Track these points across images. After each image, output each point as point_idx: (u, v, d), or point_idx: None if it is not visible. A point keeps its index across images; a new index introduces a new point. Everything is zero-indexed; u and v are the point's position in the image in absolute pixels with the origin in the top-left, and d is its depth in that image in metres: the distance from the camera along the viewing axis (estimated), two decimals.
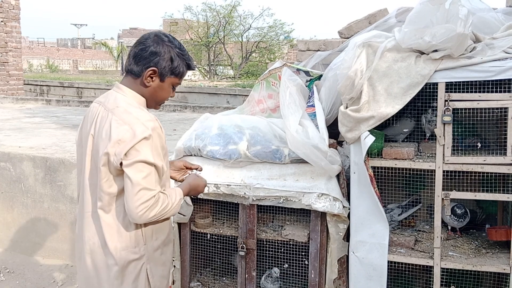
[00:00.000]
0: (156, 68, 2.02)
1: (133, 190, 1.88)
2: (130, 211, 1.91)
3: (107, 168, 1.96)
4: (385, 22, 3.12)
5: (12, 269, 4.28)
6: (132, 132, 1.90)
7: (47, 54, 39.63)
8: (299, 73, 3.17)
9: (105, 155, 1.93)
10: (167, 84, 2.08)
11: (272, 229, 2.83)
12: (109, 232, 2.02)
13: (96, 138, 2.00)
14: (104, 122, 1.98)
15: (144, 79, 2.03)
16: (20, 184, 4.44)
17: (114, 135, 1.92)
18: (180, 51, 2.08)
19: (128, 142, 1.90)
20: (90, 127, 2.04)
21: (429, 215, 2.86)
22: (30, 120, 7.34)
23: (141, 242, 2.06)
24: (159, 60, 2.01)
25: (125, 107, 1.99)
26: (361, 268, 2.59)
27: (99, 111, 2.04)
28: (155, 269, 2.12)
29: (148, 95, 2.07)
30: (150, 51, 2.01)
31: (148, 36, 2.05)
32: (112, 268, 2.03)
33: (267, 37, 28.52)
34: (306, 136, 2.64)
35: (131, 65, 2.04)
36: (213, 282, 3.03)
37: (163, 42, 2.03)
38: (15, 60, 11.52)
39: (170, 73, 2.06)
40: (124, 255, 2.02)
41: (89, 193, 2.06)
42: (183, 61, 2.08)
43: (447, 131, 2.40)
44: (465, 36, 2.30)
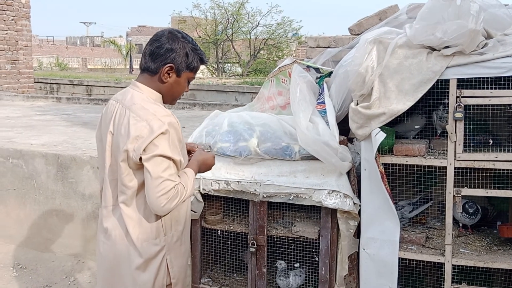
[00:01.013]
0: (173, 64, 2.07)
1: (154, 182, 1.94)
2: (152, 203, 1.96)
3: (126, 164, 2.01)
4: (395, 18, 3.11)
5: (25, 265, 4.32)
6: (149, 128, 1.95)
7: (57, 52, 39.86)
8: (309, 70, 3.17)
9: (125, 151, 1.98)
10: (183, 79, 2.14)
11: (282, 226, 2.84)
12: (131, 224, 2.07)
13: (116, 135, 2.05)
14: (123, 119, 2.03)
15: (162, 76, 2.08)
16: (33, 181, 4.48)
17: (132, 131, 1.97)
18: (194, 46, 2.13)
19: (146, 137, 1.95)
20: (109, 124, 2.09)
21: (440, 212, 2.86)
22: (41, 118, 7.39)
23: (162, 233, 2.11)
24: (175, 56, 2.07)
25: (142, 103, 2.03)
26: (371, 265, 2.59)
27: (117, 109, 2.09)
28: (175, 260, 2.17)
29: (165, 91, 2.12)
30: (166, 48, 2.06)
31: (162, 34, 2.11)
32: (134, 260, 2.08)
33: (275, 34, 28.45)
34: (316, 133, 2.64)
35: (148, 62, 2.09)
36: (224, 278, 3.05)
37: (177, 38, 2.09)
38: (26, 58, 11.60)
39: (185, 68, 2.11)
40: (146, 247, 2.07)
41: (110, 188, 2.11)
42: (197, 55, 2.13)
43: (458, 127, 2.39)
44: (477, 32, 2.29)
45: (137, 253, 2.08)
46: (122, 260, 2.11)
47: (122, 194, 2.07)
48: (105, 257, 2.16)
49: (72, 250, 4.40)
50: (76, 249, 4.37)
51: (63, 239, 4.43)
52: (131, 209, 2.08)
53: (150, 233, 2.08)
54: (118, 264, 2.12)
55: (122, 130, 2.02)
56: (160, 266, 2.11)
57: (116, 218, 2.11)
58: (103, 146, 2.13)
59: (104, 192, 2.15)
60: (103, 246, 2.16)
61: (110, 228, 2.11)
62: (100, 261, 2.22)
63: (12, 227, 4.65)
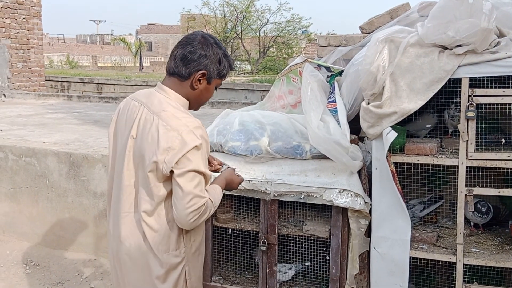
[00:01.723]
0: (206, 71, 2.02)
1: (185, 198, 1.90)
2: (181, 218, 1.93)
3: (154, 174, 1.95)
4: (407, 17, 3.10)
5: (38, 262, 4.38)
6: (181, 140, 1.90)
7: (67, 50, 40.13)
8: (320, 68, 3.17)
9: (154, 163, 1.92)
10: (212, 86, 2.10)
11: (293, 224, 2.85)
12: (150, 234, 2.01)
13: (140, 141, 1.98)
14: (150, 125, 1.96)
15: (193, 82, 2.02)
16: (45, 179, 4.53)
17: (162, 142, 1.90)
18: (225, 53, 2.09)
19: (178, 150, 1.89)
20: (131, 128, 2.03)
21: (451, 211, 2.85)
22: (52, 116, 7.46)
23: (182, 245, 2.07)
24: (208, 62, 2.02)
25: (173, 111, 1.97)
26: (382, 264, 2.59)
27: (142, 113, 2.01)
28: (193, 270, 2.14)
29: (194, 97, 2.07)
30: (199, 54, 2.00)
31: (195, 38, 2.04)
32: (154, 269, 2.04)
33: (285, 31, 28.42)
34: (327, 132, 2.64)
35: (179, 67, 2.01)
36: (234, 276, 3.06)
37: (210, 44, 2.03)
38: (37, 57, 11.70)
39: (216, 75, 2.07)
40: (167, 258, 2.03)
41: (127, 194, 2.04)
42: (227, 62, 2.10)
43: (470, 126, 2.38)
44: (489, 31, 2.28)
45: (158, 263, 2.03)
46: (140, 270, 2.06)
47: (145, 203, 2.00)
48: (120, 265, 2.11)
49: (84, 247, 4.44)
50: (88, 247, 4.42)
51: (75, 237, 4.48)
52: (152, 219, 2.01)
53: (170, 244, 2.03)
54: (136, 273, 2.07)
55: (149, 138, 1.94)
56: (179, 277, 2.08)
57: (131, 226, 2.04)
58: (122, 150, 2.06)
59: (118, 197, 2.07)
60: (118, 254, 2.10)
61: (123, 236, 2.05)
62: (114, 268, 2.18)
63: (25, 224, 4.71)
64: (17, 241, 4.73)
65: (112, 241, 2.14)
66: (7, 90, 10.73)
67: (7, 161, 4.70)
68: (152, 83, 16.40)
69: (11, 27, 10.89)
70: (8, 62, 10.89)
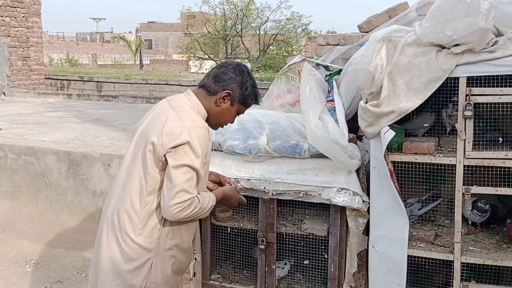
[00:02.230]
0: (231, 92, 2.21)
1: (173, 190, 2.03)
2: (165, 208, 2.07)
3: (151, 156, 2.10)
4: (405, 16, 3.11)
5: (37, 261, 4.39)
6: (183, 130, 2.05)
7: (67, 48, 40.09)
8: (319, 67, 3.18)
9: (151, 143, 2.09)
10: (234, 110, 2.28)
11: (291, 223, 2.86)
12: (131, 214, 2.15)
13: (148, 125, 2.20)
14: (162, 114, 2.17)
15: (218, 99, 2.22)
16: (44, 178, 4.54)
17: (166, 127, 2.08)
18: (254, 85, 2.29)
19: (177, 136, 2.04)
20: (147, 117, 2.27)
21: (449, 210, 2.85)
22: (52, 114, 7.47)
23: (155, 235, 2.16)
24: (236, 86, 2.22)
25: (186, 108, 2.16)
26: (380, 262, 2.60)
27: (162, 106, 2.24)
28: (160, 267, 2.19)
29: (214, 114, 2.25)
30: (230, 76, 2.22)
31: (231, 63, 2.28)
32: (123, 248, 2.15)
33: (285, 29, 28.40)
34: (325, 131, 2.65)
35: (209, 82, 2.23)
36: (233, 275, 3.07)
37: (243, 72, 2.25)
38: (37, 55, 11.70)
39: (240, 101, 2.26)
40: (138, 240, 2.14)
41: (124, 177, 2.22)
42: (254, 93, 2.29)
43: (468, 125, 2.39)
44: (487, 30, 2.28)
45: (126, 244, 2.15)
46: (113, 247, 2.19)
47: (136, 190, 2.15)
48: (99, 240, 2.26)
49: (84, 246, 4.45)
50: (88, 245, 4.42)
51: (74, 235, 4.49)
52: (137, 201, 2.15)
53: (145, 229, 2.15)
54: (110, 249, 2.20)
55: (157, 122, 2.14)
56: (143, 265, 2.15)
57: (120, 205, 2.21)
58: (132, 142, 2.27)
59: (120, 181, 2.25)
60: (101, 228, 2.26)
61: (111, 208, 2.23)
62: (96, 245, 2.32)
63: (24, 223, 4.72)
64: (17, 240, 4.74)
65: (102, 217, 2.31)
66: (7, 88, 10.73)
67: (7, 159, 4.70)
68: (152, 81, 16.41)
69: (11, 25, 10.88)
70: (7, 61, 10.89)
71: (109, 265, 2.18)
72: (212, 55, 30.54)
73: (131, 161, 2.21)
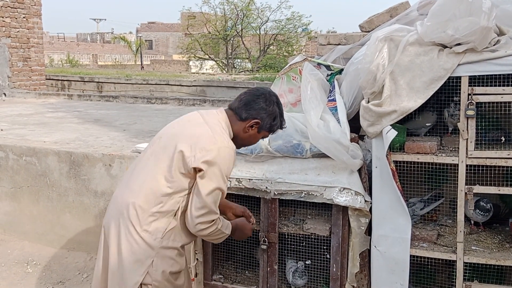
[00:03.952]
0: (260, 121, 2.32)
1: (202, 209, 2.19)
2: (191, 223, 2.22)
3: (180, 163, 2.19)
4: (406, 15, 3.10)
5: (39, 261, 4.38)
6: (217, 149, 2.17)
7: (67, 49, 40.08)
8: (320, 67, 3.17)
9: (180, 152, 2.18)
10: (260, 135, 2.40)
11: (293, 223, 2.86)
12: (142, 210, 2.22)
13: (176, 131, 2.30)
14: (197, 127, 2.26)
15: (247, 126, 2.33)
16: (46, 178, 4.54)
17: (201, 142, 2.18)
18: (281, 114, 2.39)
19: (209, 153, 2.15)
20: (175, 124, 2.39)
21: (451, 210, 2.85)
22: (53, 115, 7.46)
23: (159, 234, 2.22)
24: (265, 116, 2.32)
25: (220, 128, 2.27)
26: (383, 262, 2.59)
27: (195, 117, 2.35)
28: (161, 266, 2.24)
29: (241, 138, 2.36)
30: (260, 106, 2.32)
31: (263, 92, 2.37)
32: (130, 241, 2.22)
33: (285, 29, 28.41)
34: (327, 130, 2.65)
35: (240, 108, 2.33)
36: (235, 275, 3.07)
37: (273, 102, 2.35)
38: (37, 56, 11.69)
39: (267, 128, 2.37)
40: (143, 235, 2.21)
41: (143, 174, 2.29)
42: (280, 121, 2.40)
43: (470, 125, 2.38)
44: (489, 29, 2.28)
45: (133, 238, 2.21)
46: (122, 236, 2.25)
47: (158, 181, 2.23)
48: (108, 228, 2.33)
49: (85, 246, 4.45)
50: (89, 246, 4.41)
51: (76, 236, 4.49)
52: (153, 202, 2.23)
53: (152, 226, 2.22)
54: (118, 239, 2.27)
55: (189, 132, 2.25)
56: (144, 261, 2.22)
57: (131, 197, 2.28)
58: (156, 141, 2.36)
59: (135, 172, 2.34)
60: (113, 215, 2.33)
61: (125, 201, 2.29)
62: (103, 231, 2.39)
63: (25, 223, 4.72)
64: (18, 241, 4.73)
65: (111, 208, 2.36)
66: (8, 89, 10.73)
67: (8, 160, 4.70)
68: (152, 82, 16.40)
69: (11, 26, 10.87)
70: (8, 61, 10.88)
71: (116, 256, 2.25)
72: (213, 55, 30.55)
73: (154, 160, 2.28)
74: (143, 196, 2.23)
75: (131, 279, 2.22)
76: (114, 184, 4.21)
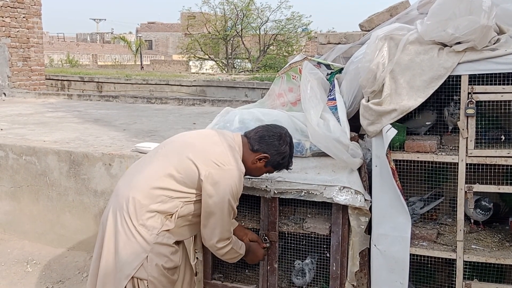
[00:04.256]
0: (269, 156, 2.41)
1: (217, 229, 2.32)
2: (208, 244, 2.38)
3: (192, 173, 2.26)
4: (406, 14, 3.10)
5: (38, 261, 4.38)
6: (232, 170, 2.28)
7: (67, 49, 40.07)
8: (320, 66, 3.17)
9: (194, 164, 2.26)
10: (266, 170, 2.48)
11: (293, 222, 2.85)
12: (142, 205, 2.27)
13: (193, 141, 2.39)
14: (215, 145, 2.34)
15: (255, 158, 2.42)
16: (45, 178, 4.54)
17: (219, 159, 2.27)
18: (291, 155, 2.47)
19: (225, 172, 2.26)
20: (191, 134, 2.51)
21: (451, 208, 2.85)
22: (53, 115, 7.46)
23: (155, 230, 2.27)
24: (275, 153, 2.41)
25: (235, 152, 2.35)
26: (383, 261, 2.59)
27: (213, 134, 2.44)
28: (155, 259, 2.27)
29: (247, 167, 2.42)
30: (273, 143, 2.40)
31: (279, 130, 2.46)
32: (128, 234, 2.26)
33: (285, 29, 28.41)
34: (327, 129, 2.65)
35: (254, 140, 2.43)
36: (235, 274, 3.07)
37: (286, 142, 2.44)
38: (37, 56, 11.69)
39: (274, 165, 2.45)
40: (139, 229, 2.25)
41: (150, 172, 2.34)
42: (287, 163, 2.47)
43: (470, 123, 2.38)
44: (489, 28, 2.28)
45: (131, 231, 2.25)
46: (119, 230, 2.29)
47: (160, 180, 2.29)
48: (105, 222, 2.37)
49: (85, 246, 4.45)
50: (89, 245, 4.41)
51: (75, 235, 4.49)
52: (156, 198, 2.28)
53: (149, 221, 2.26)
54: (116, 233, 2.31)
55: (206, 145, 2.34)
56: (139, 254, 2.24)
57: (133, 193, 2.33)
58: (168, 144, 2.45)
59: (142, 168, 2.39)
60: (109, 212, 2.37)
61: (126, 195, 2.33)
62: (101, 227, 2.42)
63: (25, 223, 4.72)
64: (18, 240, 4.74)
65: (112, 201, 2.39)
66: (7, 89, 10.73)
67: (8, 159, 4.70)
68: (152, 82, 16.40)
69: (11, 26, 10.88)
70: (8, 61, 10.88)
71: (112, 246, 2.28)
72: (213, 55, 30.55)
73: (163, 161, 2.34)
74: (144, 192, 2.27)
75: (124, 271, 2.25)
76: (114, 183, 4.20)
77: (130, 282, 2.26)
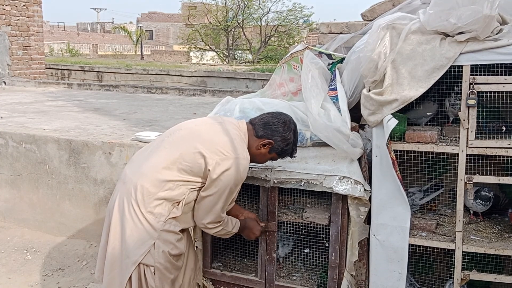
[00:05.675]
0: (273, 142, 2.43)
1: (211, 213, 2.37)
2: (199, 223, 2.43)
3: (199, 161, 2.29)
4: (409, 4, 3.08)
5: (38, 249, 4.40)
6: (237, 158, 2.30)
7: (67, 38, 39.98)
8: (321, 56, 3.15)
9: (200, 153, 2.29)
10: (269, 156, 2.50)
11: (293, 212, 2.85)
12: (150, 193, 2.30)
13: (200, 129, 2.41)
14: (220, 133, 2.36)
15: (260, 143, 2.44)
16: (45, 166, 4.54)
17: (225, 148, 2.31)
18: (295, 142, 2.50)
19: (228, 162, 2.28)
20: (196, 121, 2.53)
21: (450, 199, 2.85)
22: (53, 104, 7.45)
23: (162, 217, 2.30)
24: (279, 139, 2.43)
25: (240, 139, 2.38)
26: (381, 251, 2.60)
27: (218, 122, 2.45)
28: (162, 246, 2.31)
29: (251, 153, 2.43)
30: (277, 130, 2.43)
31: (284, 118, 2.48)
32: (135, 220, 2.29)
33: (286, 21, 28.30)
34: (328, 119, 2.64)
35: (259, 126, 2.46)
36: (234, 263, 3.08)
37: (290, 129, 2.47)
38: (37, 44, 11.65)
39: (277, 152, 2.47)
40: (147, 216, 2.29)
41: (157, 159, 2.36)
42: (291, 150, 2.50)
43: (471, 114, 2.37)
44: (492, 18, 2.26)
45: (138, 218, 2.29)
46: (126, 216, 2.32)
47: (167, 169, 2.32)
48: (111, 209, 2.41)
49: (85, 234, 4.46)
50: (89, 233, 4.43)
51: (75, 223, 4.50)
52: (163, 185, 2.31)
53: (157, 208, 2.30)
54: (122, 219, 2.34)
55: (211, 134, 2.36)
56: (146, 241, 2.28)
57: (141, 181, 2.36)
58: (172, 133, 2.47)
59: (150, 154, 2.41)
60: (115, 199, 2.40)
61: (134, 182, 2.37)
62: (107, 214, 2.45)
63: (25, 211, 4.73)
64: (18, 228, 4.75)
65: (119, 188, 2.42)
66: (7, 77, 10.70)
67: (8, 147, 4.70)
68: (152, 72, 16.36)
69: (11, 14, 10.83)
70: (8, 50, 10.85)
71: (119, 233, 2.32)
72: (213, 46, 30.45)
73: (170, 149, 2.36)
74: (153, 180, 2.30)
75: (131, 258, 2.28)
76: (113, 172, 4.21)
77: (137, 269, 2.28)
